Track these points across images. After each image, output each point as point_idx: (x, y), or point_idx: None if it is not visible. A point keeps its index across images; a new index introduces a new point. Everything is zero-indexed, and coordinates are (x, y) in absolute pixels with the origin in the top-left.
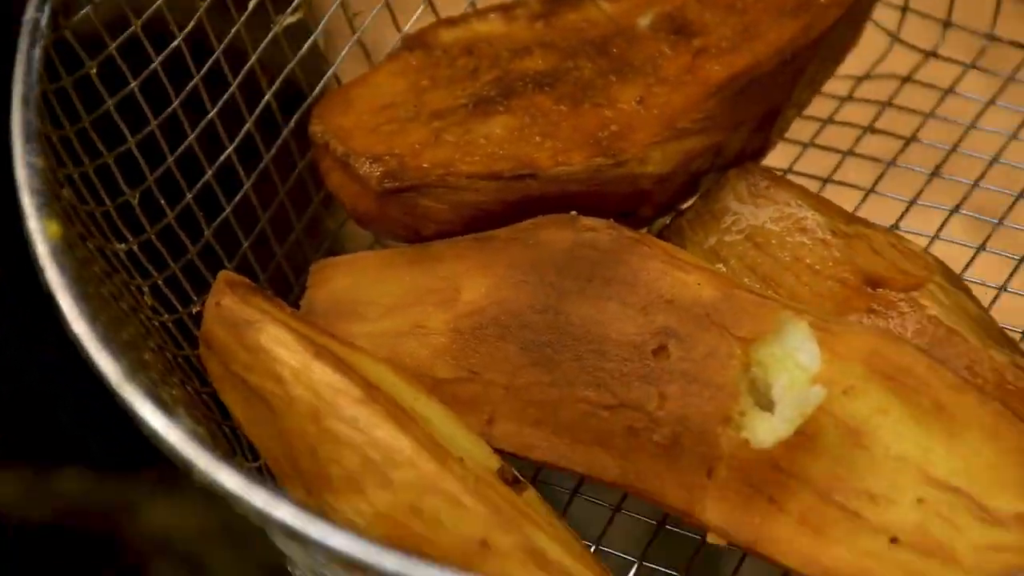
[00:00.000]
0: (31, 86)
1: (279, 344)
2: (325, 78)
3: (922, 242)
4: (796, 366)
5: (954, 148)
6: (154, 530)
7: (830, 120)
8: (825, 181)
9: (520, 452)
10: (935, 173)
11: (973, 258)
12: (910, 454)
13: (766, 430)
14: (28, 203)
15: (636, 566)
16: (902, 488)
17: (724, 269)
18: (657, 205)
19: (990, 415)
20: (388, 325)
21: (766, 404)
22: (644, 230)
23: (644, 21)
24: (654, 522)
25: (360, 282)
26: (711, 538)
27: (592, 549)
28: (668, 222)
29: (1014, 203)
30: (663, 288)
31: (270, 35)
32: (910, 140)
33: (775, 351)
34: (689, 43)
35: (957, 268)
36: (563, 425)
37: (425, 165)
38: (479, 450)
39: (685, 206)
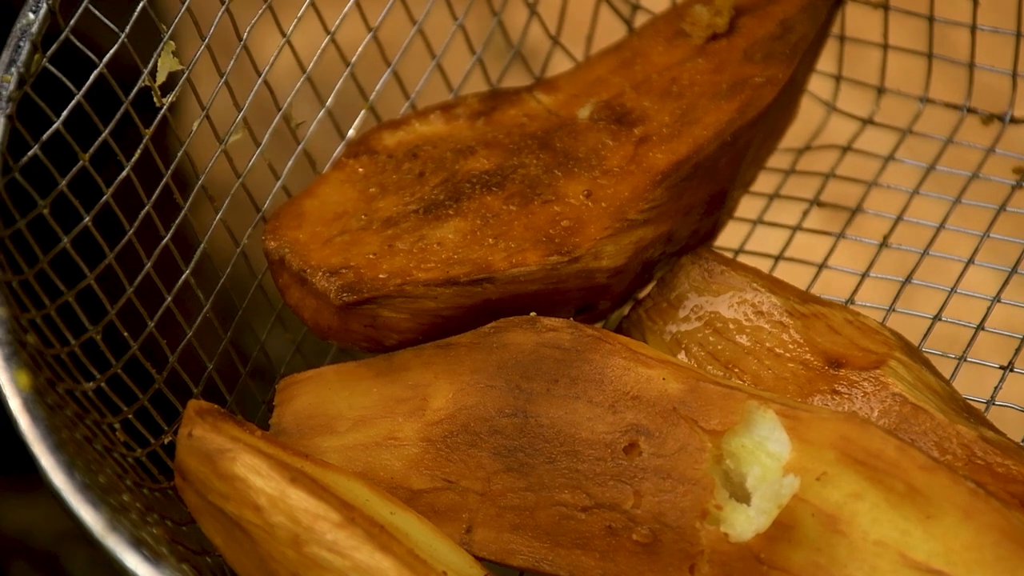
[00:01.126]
0: None
1: (253, 472)
2: (274, 190)
3: (878, 315)
4: (767, 456)
5: (899, 218)
6: (12, 531)
7: (776, 195)
8: (777, 259)
9: (501, 559)
10: (884, 244)
11: (930, 329)
12: (888, 538)
13: (744, 523)
14: None
15: None
16: (883, 573)
17: (686, 358)
18: (614, 297)
19: (964, 495)
20: (359, 438)
21: (741, 496)
22: (602, 323)
23: (584, 112)
24: None
25: (327, 396)
26: None
27: None
28: (626, 313)
29: (964, 270)
30: (628, 384)
31: (216, 154)
32: (855, 211)
33: (745, 442)
34: (631, 132)
35: (915, 336)
36: (542, 529)
37: (382, 276)
38: (460, 560)
39: (641, 295)
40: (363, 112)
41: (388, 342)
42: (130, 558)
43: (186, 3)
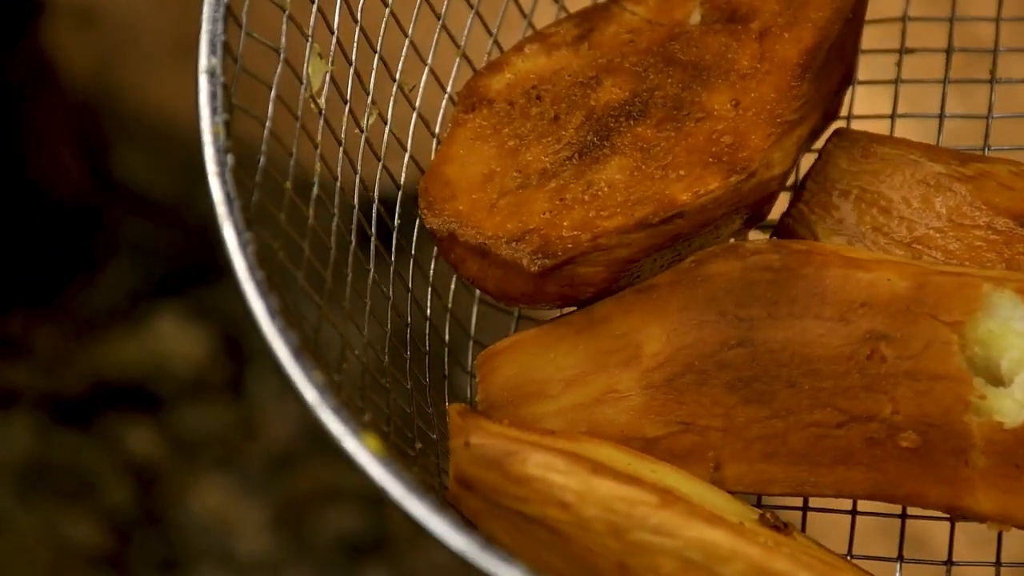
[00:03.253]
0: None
1: (551, 470)
2: (405, 158)
3: (1018, 157)
4: (1017, 335)
5: (996, 49)
6: None
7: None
8: (892, 117)
9: (758, 490)
10: (993, 79)
11: None
12: None
13: (1014, 408)
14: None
15: (899, 565)
16: None
17: (865, 246)
18: (775, 199)
19: None
20: (576, 398)
21: (998, 381)
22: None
23: (695, 18)
24: (897, 516)
25: (532, 362)
26: (990, 527)
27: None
28: (783, 215)
29: None
30: (853, 292)
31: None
32: (949, 51)
33: (990, 326)
34: (748, 28)
35: None
36: (797, 453)
37: (568, 233)
38: (731, 503)
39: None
40: (457, 60)
41: (583, 296)
42: None
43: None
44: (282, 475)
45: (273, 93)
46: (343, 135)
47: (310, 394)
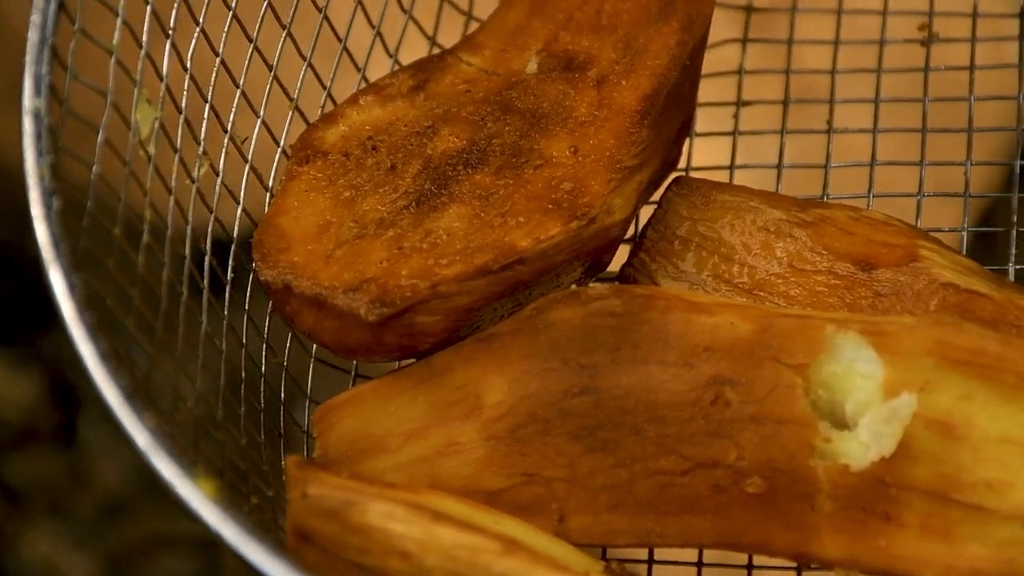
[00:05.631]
0: None
1: (391, 519)
2: (238, 210)
3: (859, 204)
4: (861, 378)
5: (832, 100)
6: None
7: (698, 104)
8: (731, 168)
9: (603, 541)
10: (830, 130)
11: (919, 206)
12: (1012, 433)
13: (859, 451)
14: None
15: None
16: (1017, 469)
17: (705, 292)
18: (616, 248)
19: None
20: (416, 452)
21: (842, 424)
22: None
23: (531, 66)
24: (743, 567)
25: (371, 416)
26: (837, 573)
27: None
28: (624, 265)
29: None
30: (696, 336)
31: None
32: (786, 103)
33: (834, 369)
34: (585, 76)
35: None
36: (643, 503)
37: (405, 283)
38: (575, 555)
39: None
40: (290, 113)
41: (423, 346)
42: None
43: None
44: (114, 523)
45: (100, 137)
46: (173, 183)
47: (142, 438)
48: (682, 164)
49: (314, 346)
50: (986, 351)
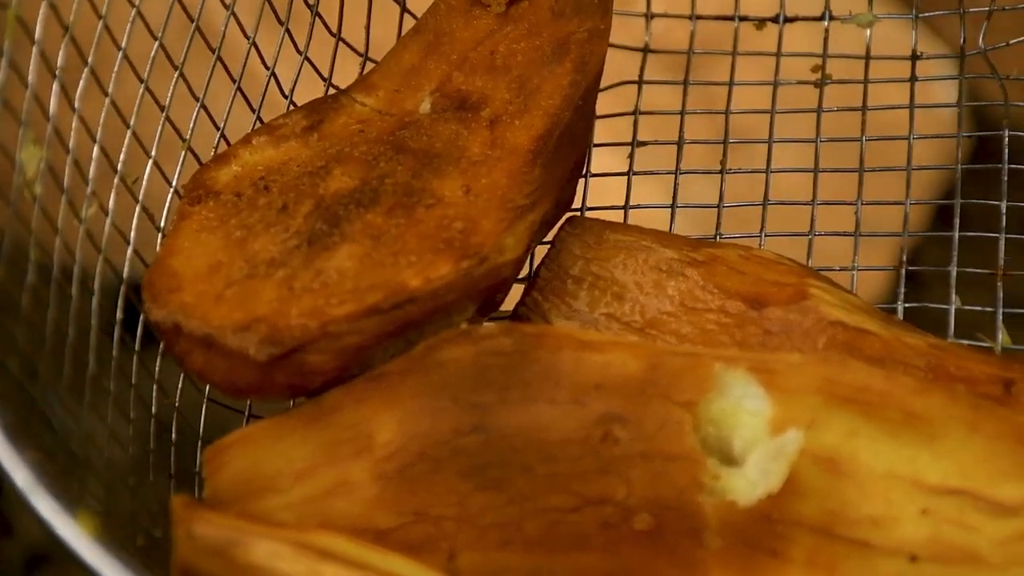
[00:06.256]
0: None
1: (277, 558)
2: (128, 253)
3: (751, 244)
4: (749, 415)
5: (726, 140)
6: None
7: (592, 144)
8: (625, 208)
9: None
10: (724, 170)
11: (810, 246)
12: (897, 469)
13: (746, 488)
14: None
15: None
16: (901, 504)
17: (598, 331)
18: (509, 287)
19: (964, 409)
20: (306, 491)
21: (731, 460)
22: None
23: (424, 107)
24: None
25: (261, 456)
26: None
27: None
28: (518, 304)
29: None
30: (586, 375)
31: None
32: (680, 143)
33: (722, 406)
34: (479, 116)
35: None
36: (533, 540)
37: (295, 322)
38: None
39: (520, 275)
40: (183, 154)
41: (313, 386)
42: None
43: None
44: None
45: None
46: (59, 223)
47: (20, 475)
48: (577, 204)
49: (207, 386)
50: (871, 388)
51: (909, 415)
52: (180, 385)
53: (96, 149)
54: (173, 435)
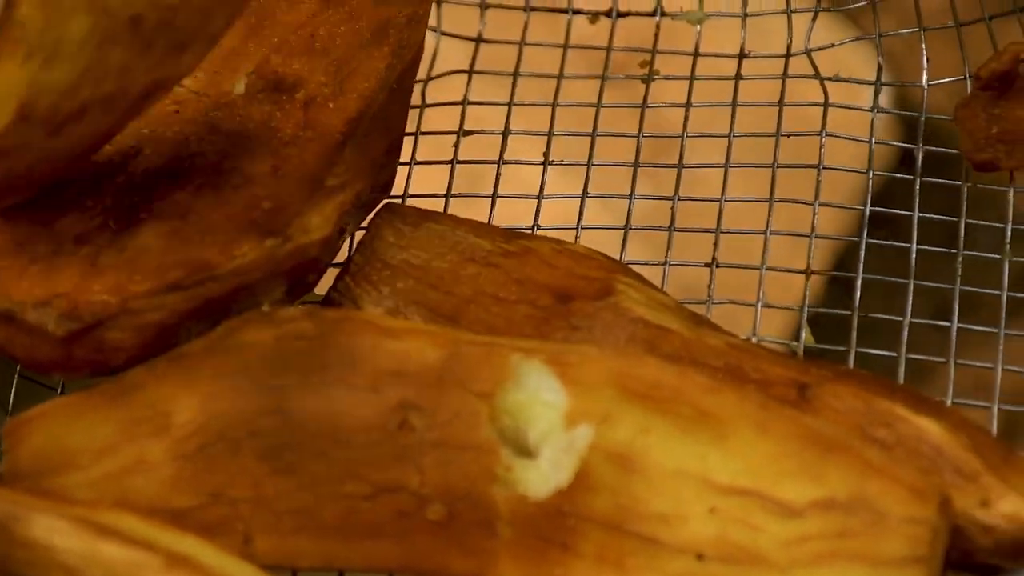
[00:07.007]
0: None
1: (55, 533)
2: None
3: (566, 236)
4: (544, 407)
5: (550, 133)
6: None
7: (419, 132)
8: (447, 196)
9: (289, 563)
10: (546, 162)
11: (625, 239)
12: (686, 466)
13: (538, 480)
14: None
15: None
16: (690, 502)
17: (407, 319)
18: (322, 269)
19: (754, 409)
20: (105, 468)
21: (526, 452)
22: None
23: (239, 88)
24: None
25: (62, 431)
26: None
27: None
28: (330, 289)
29: (634, 176)
30: (384, 361)
31: None
32: (505, 134)
33: (518, 397)
34: (293, 98)
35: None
36: (328, 526)
37: (97, 297)
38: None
39: (336, 260)
40: None
41: (115, 363)
42: None
43: None
44: None
45: None
46: None
47: None
48: (399, 192)
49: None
50: (664, 384)
51: (700, 413)
52: None
53: None
54: None
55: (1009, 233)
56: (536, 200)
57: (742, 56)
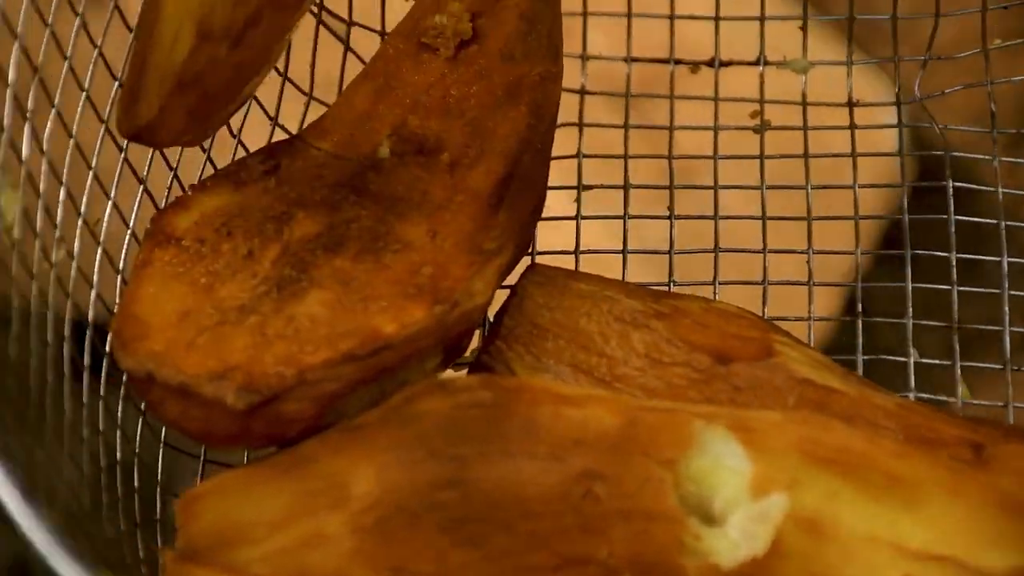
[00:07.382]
0: None
1: None
2: (92, 294)
3: (706, 292)
4: (729, 474)
5: (671, 185)
6: None
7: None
8: (576, 253)
9: None
10: (672, 216)
11: (764, 296)
12: (878, 532)
13: (728, 548)
14: None
15: None
16: (883, 568)
17: (571, 386)
18: (473, 333)
19: (945, 473)
20: (282, 542)
21: (710, 520)
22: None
23: (383, 151)
24: None
25: (235, 505)
26: None
27: None
28: (481, 351)
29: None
30: (565, 429)
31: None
32: (627, 188)
33: (702, 464)
34: (438, 160)
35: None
36: None
37: (271, 370)
38: None
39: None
40: (139, 195)
41: (290, 434)
42: None
43: None
44: None
45: None
46: (35, 268)
47: (40, 537)
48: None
49: (163, 431)
50: (852, 449)
51: (890, 478)
52: (139, 431)
53: (63, 191)
54: (135, 482)
55: None
56: (667, 255)
57: (852, 105)
